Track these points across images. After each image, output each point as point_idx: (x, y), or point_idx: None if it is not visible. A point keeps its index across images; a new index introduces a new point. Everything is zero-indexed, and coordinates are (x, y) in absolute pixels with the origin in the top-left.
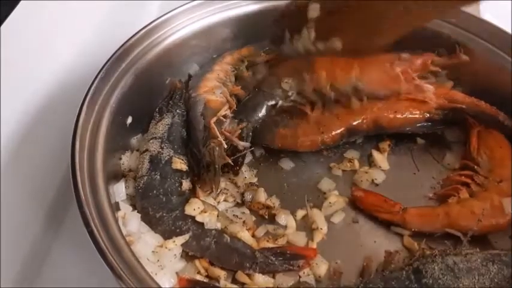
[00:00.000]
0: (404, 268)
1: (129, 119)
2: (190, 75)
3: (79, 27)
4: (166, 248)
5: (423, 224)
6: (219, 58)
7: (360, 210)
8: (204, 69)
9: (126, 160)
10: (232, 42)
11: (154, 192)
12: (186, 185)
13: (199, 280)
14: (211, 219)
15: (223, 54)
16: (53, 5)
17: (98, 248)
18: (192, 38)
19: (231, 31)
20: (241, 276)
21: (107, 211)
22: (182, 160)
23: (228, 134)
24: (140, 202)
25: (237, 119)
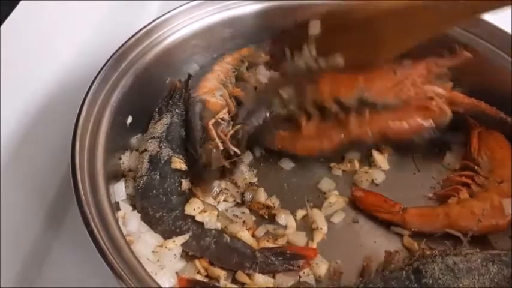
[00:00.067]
0: (404, 268)
1: (129, 119)
2: (190, 74)
3: (79, 27)
4: (166, 248)
5: (423, 224)
6: (219, 58)
7: (360, 210)
8: (204, 69)
9: (126, 160)
10: (232, 42)
11: (154, 192)
12: (186, 185)
13: (199, 280)
14: (211, 219)
15: (223, 54)
16: (53, 5)
17: (98, 248)
18: (192, 38)
19: (231, 31)
20: (241, 276)
21: (107, 211)
22: (181, 160)
23: (224, 137)
24: (140, 202)
25: (234, 123)
